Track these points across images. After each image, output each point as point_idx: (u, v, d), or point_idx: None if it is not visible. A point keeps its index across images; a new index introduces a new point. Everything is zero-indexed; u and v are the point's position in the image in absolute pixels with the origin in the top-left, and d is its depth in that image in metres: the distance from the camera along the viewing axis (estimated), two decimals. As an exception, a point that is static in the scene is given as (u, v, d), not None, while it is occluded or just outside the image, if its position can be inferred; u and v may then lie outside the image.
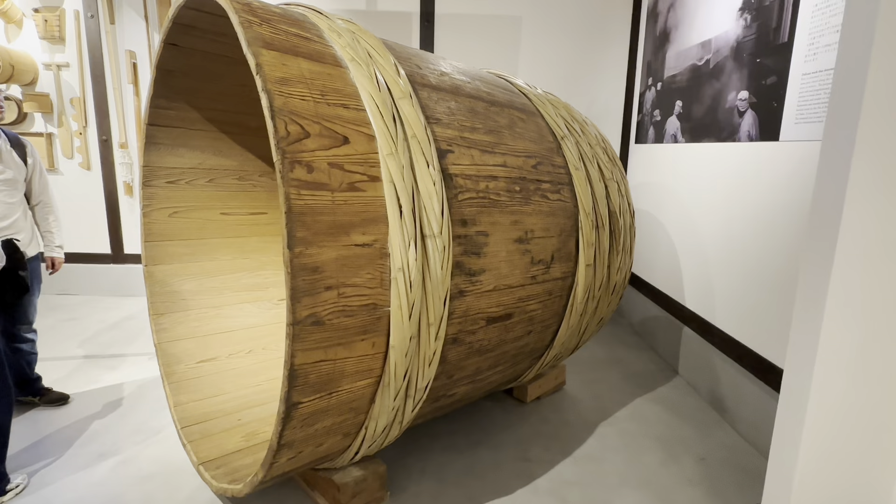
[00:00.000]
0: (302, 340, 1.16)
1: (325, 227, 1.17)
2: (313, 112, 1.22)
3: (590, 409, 2.40)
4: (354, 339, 1.25)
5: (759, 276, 2.15)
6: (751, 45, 2.25)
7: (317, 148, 1.19)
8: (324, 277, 1.17)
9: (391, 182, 1.29)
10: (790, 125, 2.00)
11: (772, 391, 2.05)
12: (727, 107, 2.42)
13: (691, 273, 2.72)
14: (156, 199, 2.20)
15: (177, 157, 2.19)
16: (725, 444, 2.13)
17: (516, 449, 2.06)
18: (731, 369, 2.31)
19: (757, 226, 2.18)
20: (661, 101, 3.13)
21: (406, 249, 1.29)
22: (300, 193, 1.14)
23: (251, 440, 1.92)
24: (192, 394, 2.09)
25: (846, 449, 1.49)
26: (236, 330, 2.37)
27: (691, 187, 2.73)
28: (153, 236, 2.21)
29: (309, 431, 1.29)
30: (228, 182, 2.37)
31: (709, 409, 2.40)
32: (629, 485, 1.86)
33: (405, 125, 1.37)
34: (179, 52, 1.87)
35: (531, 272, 1.71)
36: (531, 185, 1.72)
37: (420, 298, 1.33)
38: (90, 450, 2.00)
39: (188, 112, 2.12)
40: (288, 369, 1.16)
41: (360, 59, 1.40)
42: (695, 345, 2.64)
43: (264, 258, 2.55)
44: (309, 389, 1.21)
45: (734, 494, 1.81)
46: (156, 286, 2.22)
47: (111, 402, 2.38)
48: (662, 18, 3.14)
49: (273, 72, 1.19)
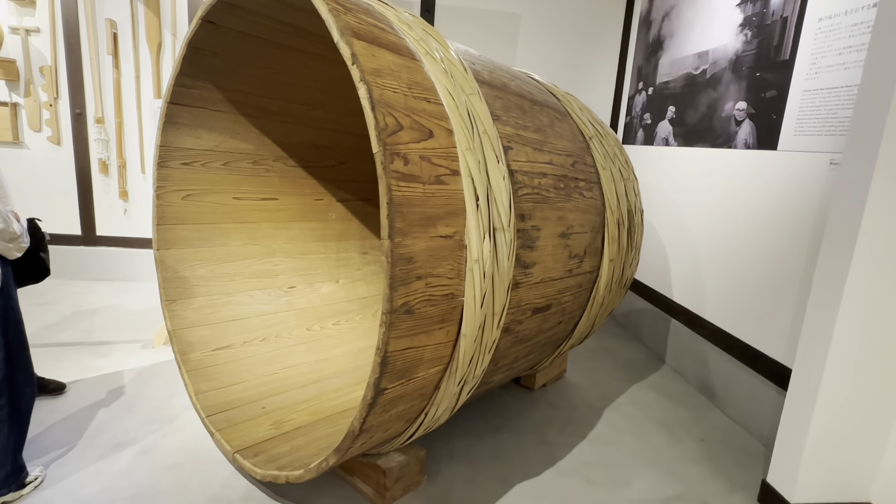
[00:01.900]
0: (395, 328, 1.19)
1: (418, 218, 1.21)
2: (404, 105, 1.24)
3: (593, 395, 2.54)
4: (434, 327, 1.30)
5: (751, 274, 2.35)
6: (751, 59, 2.43)
7: (409, 141, 1.22)
8: (416, 267, 1.20)
9: (469, 176, 1.34)
10: (789, 136, 2.19)
11: (761, 378, 2.25)
12: (724, 115, 2.60)
13: (680, 269, 2.92)
14: (170, 180, 2.12)
15: (195, 139, 2.12)
16: (719, 426, 2.32)
17: (534, 433, 2.16)
18: (720, 358, 2.52)
19: (750, 227, 2.37)
20: (653, 106, 3.31)
21: (481, 241, 1.34)
22: (399, 185, 1.17)
23: (281, 427, 1.91)
24: (211, 382, 2.05)
25: (845, 430, 1.68)
26: (249, 317, 2.33)
27: (683, 189, 2.92)
28: (166, 219, 2.13)
29: (385, 417, 1.33)
30: (243, 166, 2.31)
31: (698, 395, 2.60)
32: (643, 464, 2.01)
33: (477, 121, 1.41)
34: (215, 30, 1.81)
35: (568, 266, 1.80)
36: (571, 182, 1.80)
37: (489, 289, 1.39)
38: (104, 440, 1.92)
39: (211, 92, 2.05)
40: (381, 356, 1.19)
41: (432, 53, 1.42)
42: (683, 335, 2.84)
43: (274, 245, 2.51)
44: (394, 376, 1.25)
45: (736, 471, 2.00)
46: (167, 271, 2.15)
47: (112, 390, 2.28)
48: (656, 26, 3.30)
49: (367, 62, 1.20)
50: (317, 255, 2.67)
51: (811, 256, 2.04)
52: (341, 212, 2.75)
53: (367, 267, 2.86)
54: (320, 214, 2.67)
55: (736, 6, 2.55)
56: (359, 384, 2.27)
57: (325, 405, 2.10)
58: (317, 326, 2.50)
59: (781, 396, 2.12)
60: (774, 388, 2.17)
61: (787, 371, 2.11)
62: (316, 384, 2.22)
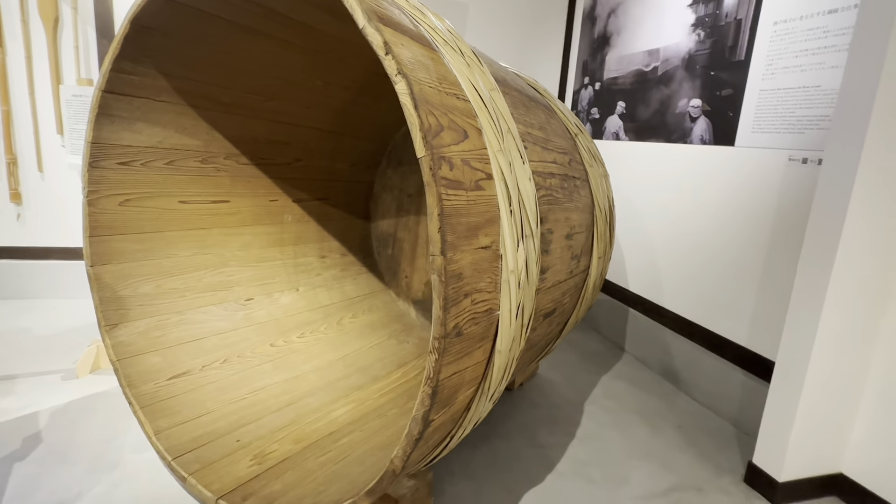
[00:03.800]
0: (448, 354, 1.06)
1: (463, 229, 1.08)
2: (440, 102, 1.10)
3: (568, 390, 2.55)
4: (475, 347, 1.18)
5: (711, 264, 2.47)
6: (705, 58, 2.53)
7: (451, 143, 1.09)
8: (464, 284, 1.08)
9: (503, 180, 1.23)
10: (746, 133, 2.31)
11: (726, 362, 2.39)
12: (678, 112, 2.70)
13: (636, 261, 3.01)
14: (104, 183, 1.79)
15: (133, 134, 1.81)
16: (690, 411, 2.43)
17: (525, 436, 2.12)
18: (683, 345, 2.63)
19: (708, 220, 2.49)
20: (601, 101, 3.38)
21: (515, 250, 1.25)
22: (448, 193, 1.03)
23: (264, 462, 1.70)
24: (171, 417, 1.77)
25: (826, 410, 1.80)
26: (205, 337, 2.05)
27: (636, 182, 3.01)
28: (100, 229, 1.81)
29: (424, 449, 1.20)
30: (190, 165, 2.02)
31: (663, 381, 2.71)
32: (634, 457, 2.04)
33: (501, 119, 1.31)
34: (170, 6, 1.53)
35: (570, 267, 1.76)
36: (571, 181, 1.76)
37: (522, 300, 1.30)
38: (38, 500, 1.59)
39: (156, 80, 1.75)
40: (432, 387, 1.05)
41: (451, 43, 1.29)
42: (642, 324, 2.94)
43: (227, 253, 2.23)
44: (440, 405, 1.12)
45: (717, 455, 2.09)
46: (105, 291, 1.82)
47: (31, 436, 1.90)
48: (601, 22, 3.36)
49: (400, 53, 1.05)
50: (273, 262, 2.42)
51: (772, 247, 2.17)
52: (297, 213, 2.51)
53: (327, 272, 2.65)
54: (275, 217, 2.42)
55: (687, 6, 2.64)
56: (336, 402, 2.09)
57: (307, 430, 1.90)
58: (281, 341, 2.26)
59: (748, 379, 2.26)
60: (741, 372, 2.30)
61: (752, 355, 2.24)
62: (290, 406, 2.01)
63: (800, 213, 2.05)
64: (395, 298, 2.83)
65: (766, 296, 2.20)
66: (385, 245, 2.87)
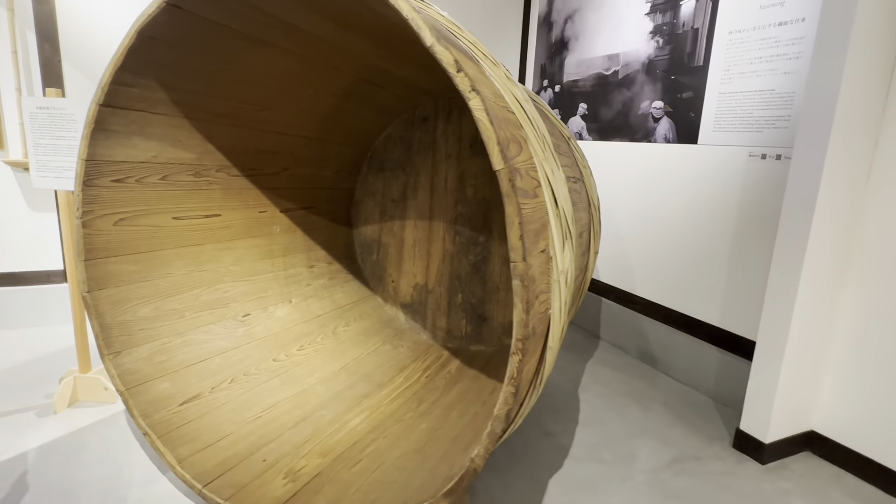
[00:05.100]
0: (526, 353, 1.12)
1: (532, 236, 1.15)
2: (501, 116, 1.16)
3: (559, 378, 2.68)
4: (537, 347, 1.25)
5: (680, 253, 2.69)
6: (665, 63, 2.75)
7: (515, 154, 1.14)
8: (535, 287, 1.15)
9: (549, 186, 1.31)
10: (708, 132, 2.54)
11: (699, 341, 2.62)
12: (640, 113, 2.91)
13: (606, 252, 3.21)
14: (99, 202, 1.69)
15: (129, 149, 1.71)
16: (670, 389, 2.64)
17: (533, 425, 2.22)
18: (658, 328, 2.85)
19: (676, 212, 2.71)
20: (562, 102, 3.54)
21: (562, 251, 1.33)
22: (523, 203, 1.09)
23: (298, 479, 1.67)
24: (192, 444, 1.70)
25: (801, 377, 2.03)
26: (209, 357, 1.97)
27: (603, 180, 3.20)
28: (96, 252, 1.70)
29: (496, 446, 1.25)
30: (183, 179, 1.93)
31: (641, 364, 2.92)
32: (636, 436, 2.20)
33: (538, 127, 1.38)
34: (180, 16, 1.46)
35: (580, 264, 1.87)
36: (577, 183, 1.87)
37: (566, 298, 1.38)
38: (56, 548, 1.48)
39: (154, 92, 1.66)
40: (515, 386, 1.11)
41: (489, 57, 1.35)
42: (616, 312, 3.14)
43: (220, 268, 2.15)
44: (518, 404, 1.18)
45: (704, 426, 2.30)
46: (104, 318, 1.72)
47: (19, 480, 1.75)
48: (558, 28, 3.53)
49: (469, 69, 1.10)
50: (265, 275, 2.35)
51: (738, 234, 2.41)
52: (285, 223, 2.46)
53: (316, 281, 2.61)
54: (264, 228, 2.35)
55: (645, 15, 2.84)
56: (349, 412, 2.08)
57: (329, 442, 1.89)
58: (282, 355, 2.21)
59: (722, 355, 2.49)
60: (715, 349, 2.53)
61: (725, 333, 2.48)
62: (306, 421, 1.98)
63: (762, 203, 2.30)
64: (383, 304, 2.84)
65: (734, 278, 2.43)
66: (369, 251, 2.86)
